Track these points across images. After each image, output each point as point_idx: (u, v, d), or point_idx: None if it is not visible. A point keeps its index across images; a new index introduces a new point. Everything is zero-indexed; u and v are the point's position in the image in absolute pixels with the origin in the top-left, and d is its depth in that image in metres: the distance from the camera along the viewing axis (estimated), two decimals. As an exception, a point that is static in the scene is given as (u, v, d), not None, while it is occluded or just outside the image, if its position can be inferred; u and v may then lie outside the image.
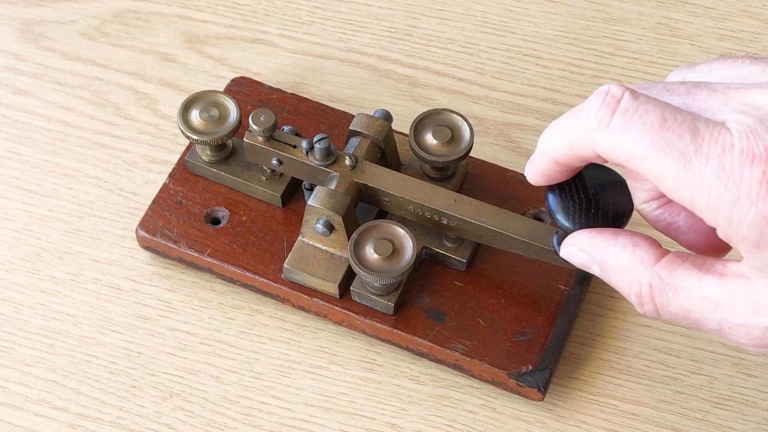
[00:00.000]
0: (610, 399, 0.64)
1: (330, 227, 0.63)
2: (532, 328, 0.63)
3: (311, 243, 0.65)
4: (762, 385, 0.64)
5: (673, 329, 0.66)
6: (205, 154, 0.68)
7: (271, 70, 0.75)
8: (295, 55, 0.76)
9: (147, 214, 0.67)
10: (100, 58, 0.75)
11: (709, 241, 0.50)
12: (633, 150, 0.45)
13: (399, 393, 0.64)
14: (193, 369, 0.65)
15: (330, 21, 0.77)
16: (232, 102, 0.67)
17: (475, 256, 0.66)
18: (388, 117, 0.67)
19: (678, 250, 0.48)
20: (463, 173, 0.68)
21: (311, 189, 0.66)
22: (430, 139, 0.65)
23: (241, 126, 0.67)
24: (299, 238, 0.65)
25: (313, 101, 0.71)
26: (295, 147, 0.65)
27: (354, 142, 0.65)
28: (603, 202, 0.51)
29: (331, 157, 0.64)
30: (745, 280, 0.46)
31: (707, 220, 0.44)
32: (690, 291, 0.47)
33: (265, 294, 0.66)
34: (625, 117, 0.45)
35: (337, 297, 0.64)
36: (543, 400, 0.63)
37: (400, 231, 0.62)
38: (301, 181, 0.67)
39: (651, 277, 0.47)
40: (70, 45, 0.76)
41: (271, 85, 0.73)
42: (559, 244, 0.52)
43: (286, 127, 0.67)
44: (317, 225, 0.63)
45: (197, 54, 0.76)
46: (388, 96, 0.74)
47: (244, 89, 0.72)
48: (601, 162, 0.48)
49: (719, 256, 0.49)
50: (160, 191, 0.68)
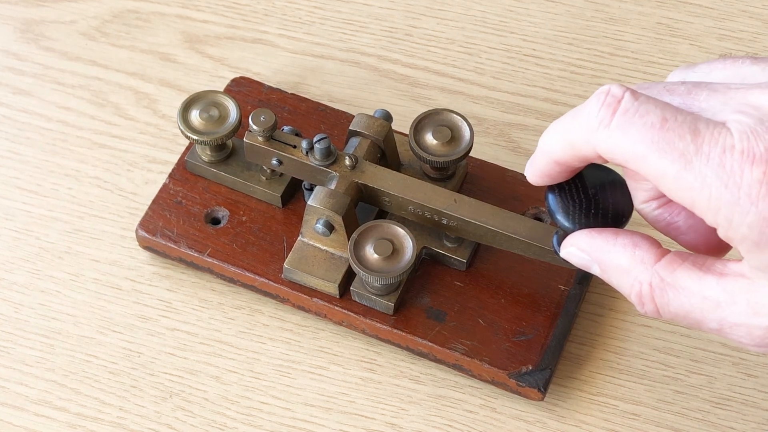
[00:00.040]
0: (610, 399, 0.64)
1: (330, 227, 0.63)
2: (532, 328, 0.63)
3: (311, 243, 0.65)
4: (762, 385, 0.64)
5: (673, 329, 0.66)
6: (205, 154, 0.68)
7: (271, 70, 0.75)
8: (295, 55, 0.76)
9: (147, 214, 0.67)
10: (100, 58, 0.75)
11: (709, 241, 0.50)
12: (633, 150, 0.45)
13: (399, 393, 0.64)
14: (193, 369, 0.65)
15: (330, 21, 0.77)
16: (232, 102, 0.67)
17: (475, 256, 0.66)
18: (388, 117, 0.67)
19: (678, 250, 0.48)
20: (463, 173, 0.68)
21: (311, 189, 0.66)
22: (430, 139, 0.65)
23: (241, 126, 0.67)
24: (299, 238, 0.65)
25: (313, 101, 0.71)
26: (295, 147, 0.65)
27: (354, 142, 0.65)
28: (603, 202, 0.51)
29: (331, 157, 0.64)
30: (745, 279, 0.46)
31: (708, 221, 0.44)
32: (690, 291, 0.47)
33: (265, 294, 0.66)
34: (625, 117, 0.45)
35: (337, 297, 0.64)
36: (543, 400, 0.63)
37: (400, 231, 0.62)
38: (301, 181, 0.67)
39: (651, 276, 0.47)
40: (70, 45, 0.76)
41: (271, 85, 0.73)
42: (559, 244, 0.52)
43: (286, 127, 0.67)
44: (317, 225, 0.63)
45: (197, 54, 0.76)
46: (388, 96, 0.74)
47: (244, 89, 0.71)
48: (601, 162, 0.48)
49: (719, 256, 0.49)
50: (160, 191, 0.68)
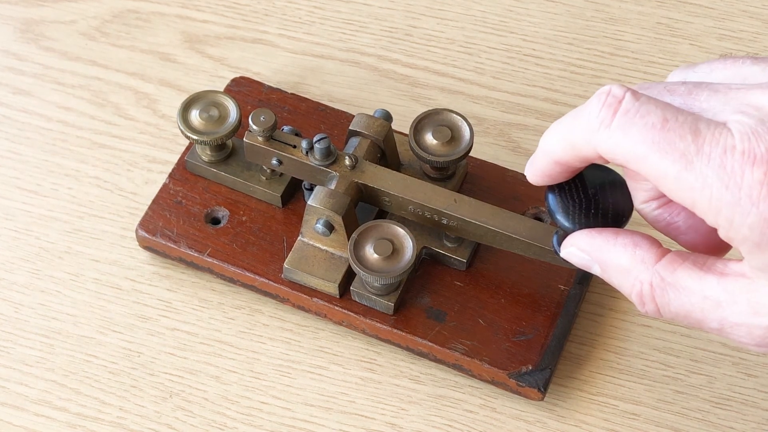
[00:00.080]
0: (610, 399, 0.64)
1: (330, 227, 0.63)
2: (532, 328, 0.63)
3: (311, 243, 0.65)
4: (762, 385, 0.64)
5: (673, 329, 0.66)
6: (205, 154, 0.68)
7: (271, 70, 0.75)
8: (295, 55, 0.76)
9: (147, 214, 0.67)
10: (100, 58, 0.75)
11: (708, 241, 0.50)
12: (634, 150, 0.45)
13: (399, 393, 0.64)
14: (193, 369, 0.65)
15: (330, 21, 0.77)
16: (231, 102, 0.67)
17: (475, 256, 0.66)
18: (388, 117, 0.67)
19: (678, 250, 0.48)
20: (463, 173, 0.68)
21: (311, 189, 0.66)
22: (430, 139, 0.65)
23: (241, 126, 0.67)
24: (299, 238, 0.65)
25: (313, 101, 0.71)
26: (295, 147, 0.65)
27: (354, 142, 0.65)
28: (603, 202, 0.51)
29: (330, 157, 0.64)
30: (746, 279, 0.46)
31: (708, 221, 0.44)
32: (691, 290, 0.47)
33: (265, 294, 0.66)
34: (626, 117, 0.45)
35: (337, 297, 0.64)
36: (543, 400, 0.63)
37: (400, 231, 0.62)
38: (301, 181, 0.67)
39: (652, 276, 0.47)
40: (70, 45, 0.76)
41: (271, 85, 0.73)
42: (559, 244, 0.52)
43: (286, 127, 0.67)
44: (317, 225, 0.63)
45: (197, 54, 0.76)
46: (388, 96, 0.74)
47: (244, 89, 0.71)
48: (602, 162, 0.48)
49: (719, 256, 0.49)
50: (160, 191, 0.68)
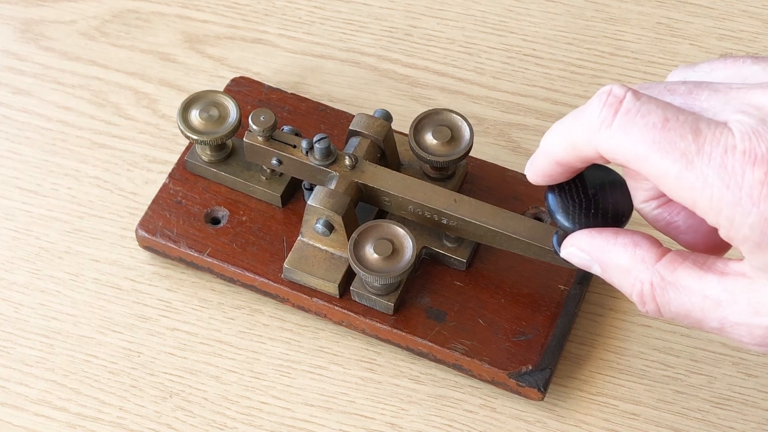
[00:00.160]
0: (610, 399, 0.64)
1: (330, 227, 0.63)
2: (532, 328, 0.63)
3: (311, 243, 0.65)
4: (762, 385, 0.64)
5: (673, 329, 0.66)
6: (204, 154, 0.68)
7: (271, 70, 0.75)
8: (295, 55, 0.76)
9: (147, 214, 0.67)
10: (100, 58, 0.75)
11: (708, 241, 0.50)
12: (635, 150, 0.45)
13: (399, 393, 0.64)
14: (193, 369, 0.65)
15: (330, 21, 0.77)
16: (231, 102, 0.67)
17: (475, 256, 0.66)
18: (387, 117, 0.67)
19: (678, 249, 0.48)
20: (463, 173, 0.68)
21: (311, 189, 0.66)
22: (429, 139, 0.65)
23: (240, 126, 0.67)
24: (299, 238, 0.65)
25: (313, 101, 0.71)
26: (294, 147, 0.65)
27: (354, 142, 0.65)
28: (603, 202, 0.51)
29: (330, 157, 0.64)
30: (746, 279, 0.46)
31: (709, 221, 0.44)
32: (691, 290, 0.47)
33: (265, 294, 0.66)
34: (627, 117, 0.45)
35: (337, 297, 0.64)
36: (543, 400, 0.63)
37: (400, 231, 0.62)
38: (301, 181, 0.67)
39: (652, 276, 0.47)
40: (70, 45, 0.76)
41: (271, 85, 0.73)
42: (559, 244, 0.52)
43: (286, 127, 0.67)
44: (317, 225, 0.63)
45: (197, 54, 0.76)
46: (388, 96, 0.74)
47: (244, 89, 0.71)
48: (603, 163, 0.48)
49: (719, 255, 0.49)
50: (160, 191, 0.68)
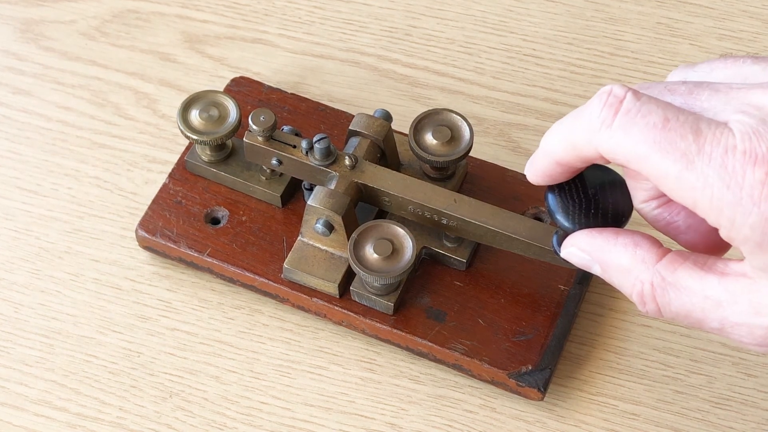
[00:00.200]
0: (609, 399, 0.64)
1: (330, 227, 0.63)
2: (532, 328, 0.63)
3: (311, 243, 0.65)
4: (762, 385, 0.64)
5: (673, 329, 0.66)
6: (204, 154, 0.68)
7: (271, 70, 0.75)
8: (295, 55, 0.76)
9: (147, 214, 0.67)
10: (100, 58, 0.75)
11: (708, 241, 0.50)
12: (635, 150, 0.45)
13: (399, 393, 0.64)
14: (192, 369, 0.65)
15: (330, 21, 0.77)
16: (231, 102, 0.67)
17: (475, 256, 0.66)
18: (387, 117, 0.67)
19: (679, 250, 0.48)
20: (462, 173, 0.68)
21: (311, 189, 0.66)
22: (429, 139, 0.65)
23: (240, 126, 0.67)
24: (299, 238, 0.65)
25: (312, 101, 0.71)
26: (294, 147, 0.65)
27: (354, 142, 0.65)
28: (603, 202, 0.51)
29: (330, 157, 0.64)
30: (747, 279, 0.46)
31: (709, 221, 0.44)
32: (692, 290, 0.47)
33: (265, 294, 0.66)
34: (627, 117, 0.45)
35: (337, 297, 0.64)
36: (543, 400, 0.63)
37: (400, 231, 0.62)
38: (301, 181, 0.67)
39: (653, 276, 0.47)
40: (70, 45, 0.76)
41: (271, 85, 0.73)
42: (559, 244, 0.52)
43: (286, 127, 0.67)
44: (317, 225, 0.63)
45: (197, 54, 0.76)
46: (388, 96, 0.74)
47: (243, 89, 0.71)
48: (603, 163, 0.48)
49: (719, 255, 0.49)
50: (160, 191, 0.68)
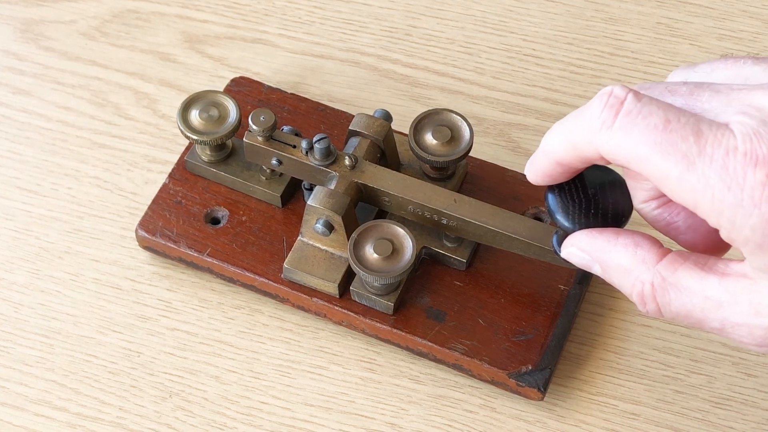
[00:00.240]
0: (609, 399, 0.64)
1: (330, 227, 0.63)
2: (532, 328, 0.63)
3: (311, 243, 0.65)
4: (762, 385, 0.64)
5: (673, 329, 0.66)
6: (204, 154, 0.68)
7: (271, 70, 0.75)
8: (295, 55, 0.76)
9: (147, 214, 0.67)
10: (100, 58, 0.75)
11: (708, 241, 0.50)
12: (636, 151, 0.45)
13: (399, 393, 0.64)
14: (192, 369, 0.65)
15: (330, 21, 0.77)
16: (231, 102, 0.67)
17: (475, 256, 0.66)
18: (387, 117, 0.67)
19: (679, 250, 0.48)
20: (462, 173, 0.68)
21: (311, 189, 0.66)
22: (429, 139, 0.65)
23: (240, 126, 0.67)
24: (299, 238, 0.65)
25: (312, 101, 0.71)
26: (294, 147, 0.65)
27: (354, 142, 0.65)
28: (603, 202, 0.51)
29: (330, 157, 0.64)
30: (747, 280, 0.46)
31: (710, 222, 0.44)
32: (692, 290, 0.47)
33: (265, 294, 0.66)
34: (628, 118, 0.45)
35: (337, 297, 0.64)
36: (543, 399, 0.63)
37: (400, 231, 0.62)
38: (301, 181, 0.67)
39: (653, 276, 0.47)
40: (70, 45, 0.76)
41: (271, 85, 0.73)
42: (559, 244, 0.52)
43: (286, 127, 0.67)
44: (317, 225, 0.63)
45: (197, 54, 0.76)
46: (388, 96, 0.74)
47: (243, 89, 0.71)
48: (604, 163, 0.48)
49: (719, 255, 0.49)
50: (160, 191, 0.68)
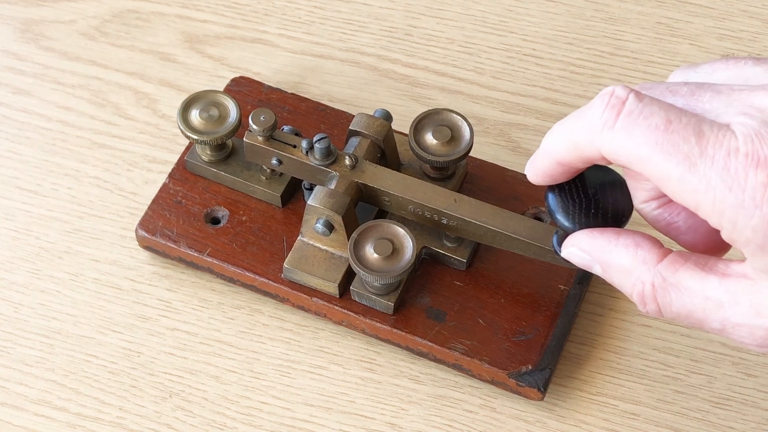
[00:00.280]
0: (609, 399, 0.64)
1: (330, 227, 0.63)
2: (532, 328, 0.63)
3: (311, 243, 0.65)
4: (762, 385, 0.64)
5: (673, 329, 0.66)
6: (204, 154, 0.68)
7: (271, 70, 0.75)
8: (295, 55, 0.76)
9: (147, 213, 0.67)
10: (100, 58, 0.75)
11: (708, 241, 0.50)
12: (638, 152, 0.45)
13: (399, 393, 0.64)
14: (192, 369, 0.65)
15: (330, 21, 0.77)
16: (231, 102, 0.67)
17: (475, 256, 0.66)
18: (387, 117, 0.67)
19: (680, 250, 0.48)
20: (463, 173, 0.68)
21: (311, 189, 0.66)
22: (429, 138, 0.65)
23: (240, 126, 0.67)
24: (299, 238, 0.65)
25: (313, 101, 0.71)
26: (294, 147, 0.65)
27: (354, 141, 0.65)
28: (603, 201, 0.51)
29: (330, 156, 0.64)
30: (748, 281, 0.46)
31: (711, 223, 0.44)
32: (693, 291, 0.47)
33: (265, 294, 0.66)
34: (629, 119, 0.45)
35: (337, 297, 0.64)
36: (543, 399, 0.63)
37: (400, 231, 0.62)
38: (301, 181, 0.67)
39: (654, 276, 0.47)
40: (70, 45, 0.76)
41: (271, 85, 0.73)
42: (559, 244, 0.52)
43: (286, 127, 0.67)
44: (317, 225, 0.63)
45: (197, 54, 0.76)
46: (388, 96, 0.74)
47: (244, 89, 0.71)
48: (605, 164, 0.48)
49: (719, 256, 0.49)
50: (160, 191, 0.68)
